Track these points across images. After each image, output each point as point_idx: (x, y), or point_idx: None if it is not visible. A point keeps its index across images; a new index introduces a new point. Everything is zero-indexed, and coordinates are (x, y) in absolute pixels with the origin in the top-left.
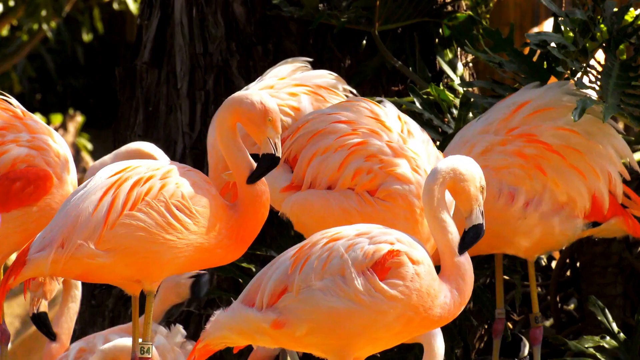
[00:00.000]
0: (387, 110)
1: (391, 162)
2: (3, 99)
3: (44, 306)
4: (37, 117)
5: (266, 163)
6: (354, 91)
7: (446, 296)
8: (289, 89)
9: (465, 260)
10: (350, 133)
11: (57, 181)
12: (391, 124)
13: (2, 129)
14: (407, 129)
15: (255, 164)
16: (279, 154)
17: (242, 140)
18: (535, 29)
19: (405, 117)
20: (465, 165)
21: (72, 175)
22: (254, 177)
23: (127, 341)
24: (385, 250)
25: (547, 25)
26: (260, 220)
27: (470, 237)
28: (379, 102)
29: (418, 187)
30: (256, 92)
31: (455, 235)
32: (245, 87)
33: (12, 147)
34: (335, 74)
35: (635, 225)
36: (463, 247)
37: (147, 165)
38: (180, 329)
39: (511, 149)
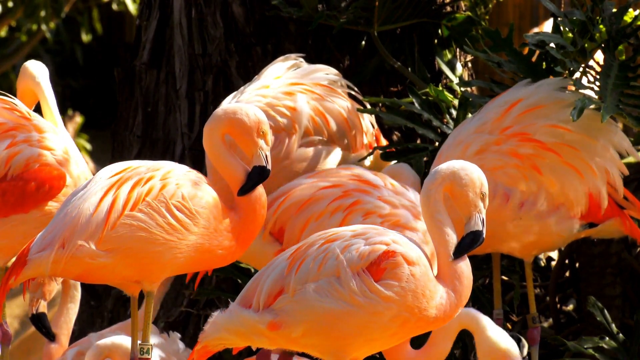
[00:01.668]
0: (364, 171)
1: (392, 213)
2: (9, 101)
3: (43, 307)
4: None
5: (257, 175)
6: (354, 87)
7: (442, 297)
8: (284, 88)
9: (463, 262)
10: (341, 196)
11: (69, 179)
12: (376, 181)
13: (13, 129)
14: (390, 182)
15: (249, 168)
16: (270, 166)
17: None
18: (535, 30)
19: (379, 173)
20: (465, 170)
21: (83, 166)
22: (245, 190)
23: (123, 339)
24: (381, 251)
25: (548, 26)
26: (259, 222)
27: (466, 242)
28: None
29: (425, 234)
30: (248, 104)
31: (452, 236)
32: (242, 87)
33: (24, 148)
34: (333, 68)
35: (632, 227)
36: (458, 252)
37: (147, 166)
38: (176, 337)
39: (506, 148)
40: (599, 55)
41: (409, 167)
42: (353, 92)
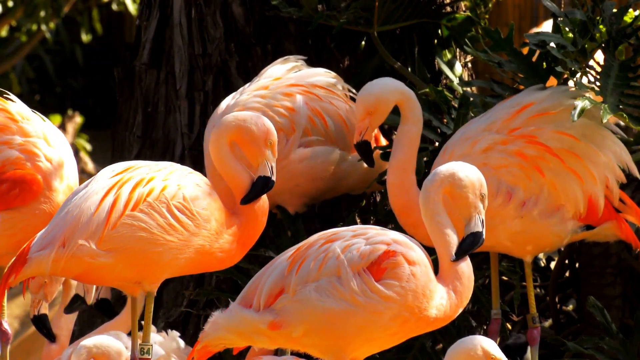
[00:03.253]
0: None
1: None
2: (6, 98)
3: (44, 308)
4: (39, 119)
5: (261, 186)
6: (353, 90)
7: (442, 297)
8: (283, 89)
9: (464, 262)
10: None
11: (45, 186)
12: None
13: None
14: None
15: (254, 176)
16: (274, 177)
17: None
18: (535, 30)
19: None
20: (465, 172)
21: (70, 181)
22: (247, 199)
23: (109, 339)
24: (382, 250)
25: (546, 26)
26: (260, 226)
27: (467, 244)
28: None
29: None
30: (257, 113)
31: (452, 237)
32: (241, 88)
33: (3, 149)
34: (332, 72)
35: (627, 230)
36: (459, 253)
37: (148, 167)
38: (175, 335)
39: (512, 148)
40: (600, 56)
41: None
42: (353, 95)
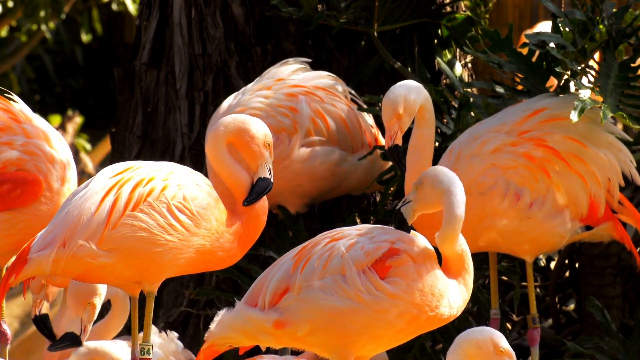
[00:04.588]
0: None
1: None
2: (9, 98)
3: (45, 308)
4: (40, 120)
5: (261, 187)
6: (353, 92)
7: (456, 293)
8: (286, 90)
9: (470, 257)
10: None
11: (46, 188)
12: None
13: None
14: None
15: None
16: (273, 179)
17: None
18: (530, 30)
19: None
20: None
21: (70, 183)
22: (249, 201)
23: (110, 345)
24: (386, 248)
25: (542, 27)
26: (261, 225)
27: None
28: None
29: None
30: (254, 117)
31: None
32: (243, 89)
33: (5, 150)
34: (334, 75)
35: (622, 231)
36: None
37: (149, 167)
38: (174, 336)
39: (520, 150)
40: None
41: None
42: (354, 97)
